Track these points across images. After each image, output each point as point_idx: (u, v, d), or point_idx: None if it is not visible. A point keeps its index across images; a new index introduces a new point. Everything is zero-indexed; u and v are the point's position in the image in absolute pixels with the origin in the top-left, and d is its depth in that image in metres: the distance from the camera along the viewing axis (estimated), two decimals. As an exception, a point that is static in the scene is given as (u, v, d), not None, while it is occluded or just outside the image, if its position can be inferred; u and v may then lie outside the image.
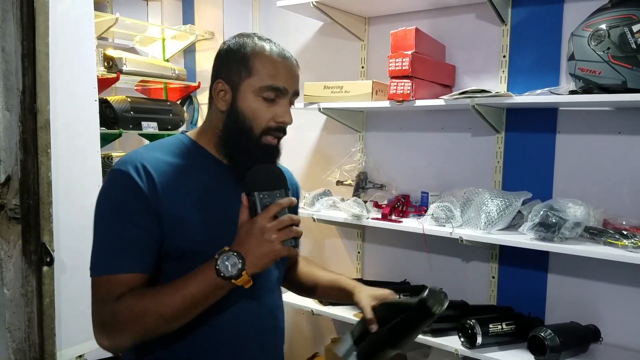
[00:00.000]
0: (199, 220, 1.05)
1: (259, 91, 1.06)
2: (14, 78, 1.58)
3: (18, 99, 1.60)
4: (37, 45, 1.60)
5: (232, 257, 0.95)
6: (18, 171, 1.61)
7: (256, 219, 0.98)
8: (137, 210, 1.00)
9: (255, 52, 1.06)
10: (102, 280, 0.99)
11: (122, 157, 1.08)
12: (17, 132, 1.60)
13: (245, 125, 1.07)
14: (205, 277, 0.96)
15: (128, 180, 1.01)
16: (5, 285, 1.61)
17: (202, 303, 0.97)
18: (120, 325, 0.97)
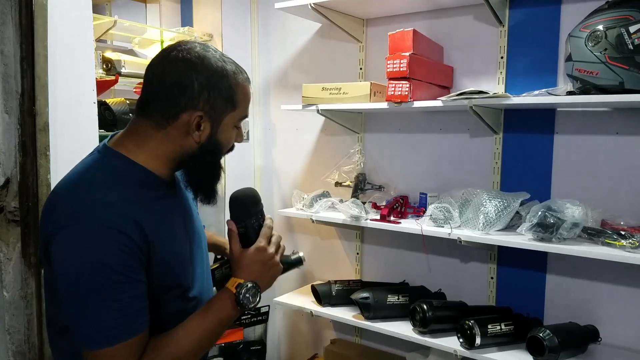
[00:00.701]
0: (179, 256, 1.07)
1: (237, 122, 1.08)
2: (13, 81, 1.59)
3: (17, 102, 1.60)
4: (36, 48, 1.61)
5: (251, 288, 1.03)
6: (17, 174, 1.62)
7: (260, 247, 1.07)
8: (135, 266, 0.95)
9: (237, 83, 1.04)
10: (119, 349, 0.93)
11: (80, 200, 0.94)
12: (16, 134, 1.61)
13: (217, 152, 1.07)
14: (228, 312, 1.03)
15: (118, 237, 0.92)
16: (5, 288, 1.61)
17: (221, 334, 1.06)
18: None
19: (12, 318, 1.62)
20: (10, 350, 1.62)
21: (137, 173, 1.02)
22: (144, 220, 0.96)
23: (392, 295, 2.05)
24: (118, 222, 0.92)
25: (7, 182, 1.59)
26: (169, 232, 1.03)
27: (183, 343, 0.98)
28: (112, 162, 1.02)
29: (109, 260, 0.91)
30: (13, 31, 1.58)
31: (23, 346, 1.64)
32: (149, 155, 1.03)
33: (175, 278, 1.04)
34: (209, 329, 1.01)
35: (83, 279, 0.90)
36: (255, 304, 1.03)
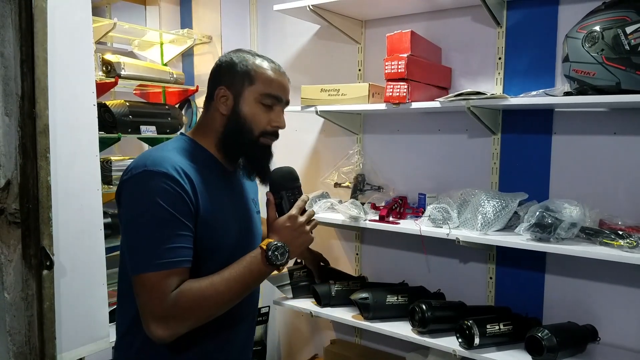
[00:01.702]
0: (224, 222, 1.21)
1: (260, 98, 1.23)
2: (13, 83, 1.60)
3: (17, 104, 1.61)
4: (36, 50, 1.61)
5: (280, 247, 1.16)
6: (17, 176, 1.62)
7: (292, 215, 1.21)
8: (184, 209, 1.11)
9: (257, 65, 1.25)
10: (160, 275, 1.07)
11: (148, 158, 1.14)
12: (16, 137, 1.61)
13: (245, 127, 1.22)
14: (258, 266, 1.15)
15: (174, 182, 1.10)
16: (6, 289, 1.61)
17: (252, 287, 1.18)
18: (184, 314, 1.08)
19: (12, 319, 1.62)
20: (11, 351, 1.62)
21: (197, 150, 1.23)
22: (197, 181, 1.15)
23: (391, 296, 2.05)
24: (175, 173, 1.11)
25: (8, 184, 1.60)
26: (215, 200, 1.18)
27: (216, 285, 1.10)
28: (180, 140, 1.25)
29: (163, 199, 1.08)
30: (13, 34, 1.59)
31: (24, 347, 1.65)
32: (203, 136, 1.25)
33: (217, 240, 1.18)
34: (240, 278, 1.13)
35: (139, 212, 1.09)
36: (283, 263, 1.15)
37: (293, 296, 2.29)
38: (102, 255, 1.93)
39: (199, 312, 1.10)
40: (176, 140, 1.25)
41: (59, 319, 1.74)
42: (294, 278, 2.29)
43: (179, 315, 1.08)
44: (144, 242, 1.09)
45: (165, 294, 1.06)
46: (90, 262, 1.88)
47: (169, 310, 1.07)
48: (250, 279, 1.15)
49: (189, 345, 1.19)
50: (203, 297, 1.09)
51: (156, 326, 1.07)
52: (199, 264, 1.14)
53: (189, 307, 1.08)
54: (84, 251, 1.86)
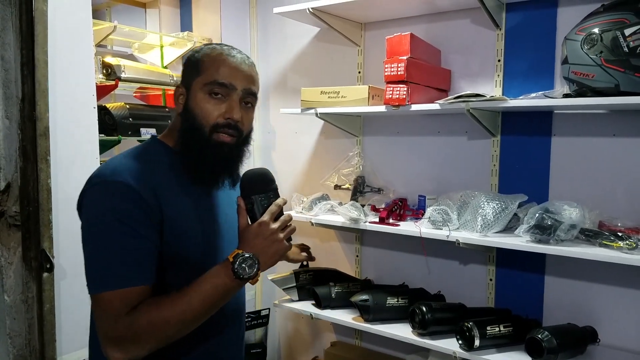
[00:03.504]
0: (197, 229, 1.12)
1: (206, 88, 1.10)
2: (14, 86, 1.60)
3: (17, 107, 1.61)
4: (36, 53, 1.62)
5: (248, 259, 1.03)
6: (18, 178, 1.63)
7: (263, 222, 1.07)
8: (142, 221, 1.02)
9: (205, 53, 1.13)
10: (114, 295, 0.99)
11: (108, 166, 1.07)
12: (16, 139, 1.62)
13: (195, 123, 1.10)
14: (223, 280, 1.02)
15: (129, 191, 1.02)
16: (6, 292, 1.62)
17: (218, 304, 1.05)
18: (140, 336, 0.98)
19: (13, 322, 1.62)
20: (12, 353, 1.62)
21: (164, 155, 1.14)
22: (160, 189, 1.06)
23: (391, 298, 2.05)
24: (134, 182, 1.02)
25: (8, 187, 1.60)
26: (180, 207, 1.09)
27: (176, 304, 1.00)
28: (148, 144, 1.17)
29: (119, 212, 1.01)
30: (13, 37, 1.60)
31: (24, 350, 1.65)
32: (171, 138, 1.16)
33: (181, 250, 1.08)
34: (203, 295, 1.02)
35: (95, 226, 1.03)
36: (251, 276, 1.03)
37: (299, 298, 2.29)
38: (102, 258, 1.93)
39: (158, 334, 0.99)
40: (145, 144, 1.17)
41: (59, 321, 1.74)
42: (300, 280, 2.28)
43: (136, 338, 0.98)
44: (99, 258, 1.02)
45: (120, 315, 0.98)
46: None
47: (124, 332, 0.98)
48: (215, 296, 1.02)
49: None
50: (161, 317, 0.99)
51: (111, 349, 0.99)
52: (166, 275, 1.07)
53: (146, 329, 0.98)
54: (84, 253, 1.86)
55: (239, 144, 1.14)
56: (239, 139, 1.13)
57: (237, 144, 1.14)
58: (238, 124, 1.11)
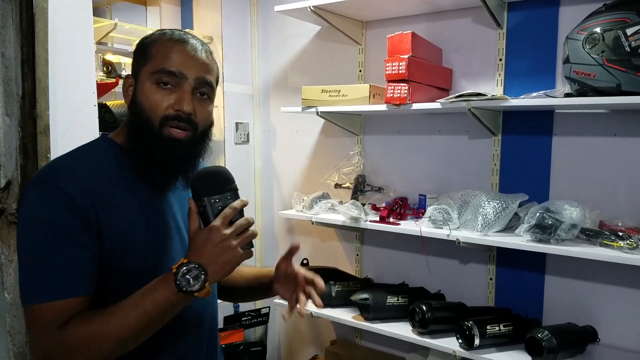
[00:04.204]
0: (141, 235, 1.01)
1: (154, 77, 0.99)
2: (14, 84, 1.60)
3: (18, 105, 1.61)
4: (37, 51, 1.62)
5: (193, 269, 0.90)
6: (18, 176, 1.62)
7: (213, 226, 0.93)
8: (75, 227, 0.92)
9: (154, 39, 1.03)
10: (43, 308, 0.90)
11: (49, 167, 1.00)
12: (17, 137, 1.61)
13: (143, 116, 1.00)
14: (164, 293, 0.91)
15: (61, 194, 0.92)
16: (6, 289, 1.62)
17: (161, 320, 0.93)
18: (72, 352, 0.89)
19: (13, 319, 1.62)
20: (12, 351, 1.62)
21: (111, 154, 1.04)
22: (100, 192, 0.96)
23: (391, 296, 2.05)
24: (69, 186, 0.93)
25: (8, 185, 1.60)
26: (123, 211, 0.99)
27: (112, 319, 0.90)
28: (96, 142, 1.07)
29: (51, 219, 0.91)
30: (14, 34, 1.59)
31: (24, 347, 1.65)
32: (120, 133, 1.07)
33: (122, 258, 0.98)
34: (141, 310, 0.90)
35: (27, 234, 0.93)
36: (196, 289, 0.89)
37: None
38: (102, 256, 1.93)
39: (92, 350, 0.89)
40: (92, 142, 1.07)
41: (59, 319, 1.74)
42: None
43: (67, 354, 0.89)
44: (30, 268, 0.92)
45: (49, 330, 0.89)
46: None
47: (55, 347, 0.89)
48: (155, 311, 0.90)
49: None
50: (96, 333, 0.89)
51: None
52: (108, 285, 0.97)
53: (79, 344, 0.89)
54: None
55: (195, 139, 1.02)
56: (194, 133, 1.02)
57: (192, 140, 1.02)
58: (191, 116, 1.00)
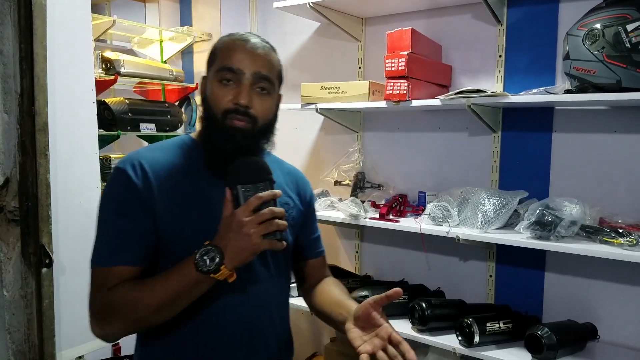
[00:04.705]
0: (193, 220, 1.07)
1: (218, 74, 1.08)
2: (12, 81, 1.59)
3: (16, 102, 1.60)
4: (35, 47, 1.61)
5: (210, 251, 0.97)
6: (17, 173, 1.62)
7: (235, 212, 0.98)
8: (132, 205, 1.04)
9: (220, 41, 1.13)
10: (98, 272, 1.04)
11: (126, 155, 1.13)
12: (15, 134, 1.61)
13: (210, 110, 1.09)
14: (186, 272, 0.98)
15: (124, 177, 1.05)
16: (5, 287, 1.61)
17: (185, 296, 1.00)
18: (110, 314, 1.01)
19: (12, 317, 1.62)
20: (11, 349, 1.62)
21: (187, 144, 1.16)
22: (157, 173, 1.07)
23: (391, 294, 2.05)
24: (127, 164, 1.07)
25: (7, 182, 1.60)
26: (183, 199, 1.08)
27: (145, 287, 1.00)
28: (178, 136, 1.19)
29: (114, 196, 1.06)
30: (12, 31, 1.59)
31: (23, 345, 1.64)
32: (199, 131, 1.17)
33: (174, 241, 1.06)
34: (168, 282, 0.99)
35: (100, 208, 1.08)
36: (211, 269, 0.96)
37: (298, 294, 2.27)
38: (101, 253, 1.92)
39: (126, 314, 1.00)
40: (174, 138, 1.19)
41: (58, 317, 1.74)
42: None
43: (108, 315, 1.01)
44: (96, 237, 1.07)
45: (99, 291, 1.02)
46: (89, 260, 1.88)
47: (99, 308, 1.02)
48: (178, 285, 0.98)
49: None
50: (130, 299, 1.00)
51: (91, 322, 1.03)
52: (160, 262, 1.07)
53: (115, 307, 1.00)
54: (83, 249, 1.84)
55: (254, 131, 1.08)
56: (253, 126, 1.07)
57: (252, 131, 1.07)
58: (248, 109, 1.06)
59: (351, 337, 1.05)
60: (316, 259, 1.33)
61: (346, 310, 1.11)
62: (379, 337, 1.02)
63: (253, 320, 1.12)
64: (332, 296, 1.21)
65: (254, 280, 1.12)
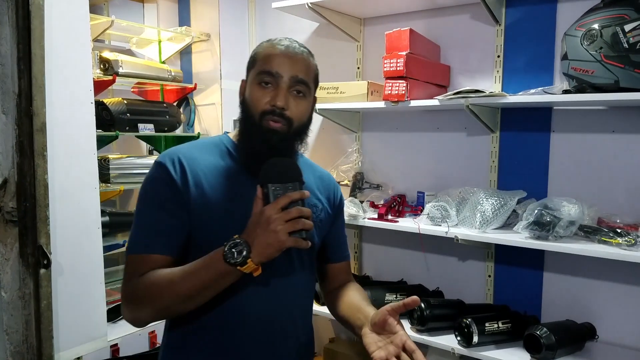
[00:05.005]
0: (225, 217, 1.12)
1: (257, 78, 1.13)
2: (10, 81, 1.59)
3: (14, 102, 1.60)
4: (33, 48, 1.61)
5: (239, 244, 1.00)
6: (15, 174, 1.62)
7: (264, 209, 1.02)
8: (170, 198, 1.10)
9: (260, 46, 1.19)
10: (132, 258, 1.09)
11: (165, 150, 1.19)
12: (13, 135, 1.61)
13: (248, 111, 1.14)
14: (215, 263, 1.02)
15: (164, 172, 1.11)
16: (3, 288, 1.61)
17: (212, 286, 1.04)
18: (139, 300, 1.06)
19: (10, 318, 1.62)
20: (9, 350, 1.62)
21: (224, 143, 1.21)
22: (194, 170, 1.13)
23: (389, 294, 2.05)
24: (166, 158, 1.13)
25: (5, 183, 1.59)
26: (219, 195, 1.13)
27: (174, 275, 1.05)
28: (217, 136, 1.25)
29: (151, 187, 1.12)
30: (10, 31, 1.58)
31: (21, 346, 1.64)
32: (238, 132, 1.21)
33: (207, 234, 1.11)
34: (196, 271, 1.04)
35: (138, 200, 1.14)
36: (238, 262, 0.99)
37: None
38: (99, 254, 1.92)
39: (155, 300, 1.05)
40: (212, 137, 1.26)
41: (56, 318, 1.74)
42: None
43: (137, 300, 1.07)
44: (133, 226, 1.13)
45: (132, 277, 1.08)
46: (87, 260, 1.88)
47: (130, 293, 1.08)
48: (205, 274, 1.02)
49: None
50: (158, 284, 1.05)
51: (123, 307, 1.10)
52: (194, 255, 1.09)
53: (144, 293, 1.06)
54: (82, 250, 1.86)
55: (289, 133, 1.13)
56: (289, 128, 1.12)
57: (287, 133, 1.12)
58: (285, 111, 1.11)
59: (367, 342, 1.07)
60: (340, 263, 1.35)
61: (364, 315, 1.15)
62: (394, 344, 1.04)
63: (274, 316, 1.15)
64: (352, 301, 1.25)
65: (278, 276, 1.15)
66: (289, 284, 1.17)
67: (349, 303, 1.24)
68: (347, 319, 1.21)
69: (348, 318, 1.21)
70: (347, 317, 1.22)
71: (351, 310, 1.21)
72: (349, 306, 1.23)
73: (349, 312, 1.22)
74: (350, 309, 1.22)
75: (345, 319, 1.23)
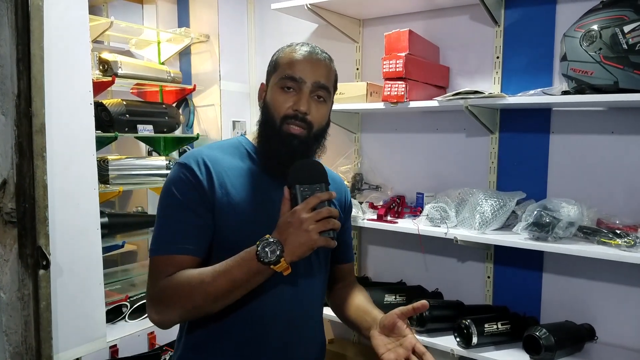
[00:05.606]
0: (250, 217, 1.14)
1: (280, 82, 1.15)
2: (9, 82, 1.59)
3: (13, 103, 1.60)
4: (32, 49, 1.61)
5: (272, 244, 1.02)
6: (14, 175, 1.61)
7: (295, 209, 1.04)
8: (194, 199, 1.10)
9: (282, 51, 1.21)
10: (158, 260, 1.09)
11: (190, 151, 1.21)
12: (12, 136, 1.60)
13: (269, 115, 1.16)
14: (247, 262, 1.03)
15: (189, 172, 1.12)
16: (2, 289, 1.61)
17: (244, 285, 1.05)
18: (168, 300, 1.06)
19: (9, 319, 1.62)
20: (8, 351, 1.62)
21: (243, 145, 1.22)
22: (219, 171, 1.14)
23: (389, 295, 2.05)
24: (191, 160, 1.13)
25: (4, 184, 1.59)
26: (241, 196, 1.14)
27: (204, 275, 1.05)
28: (236, 137, 1.26)
29: (176, 188, 1.11)
30: (9, 32, 1.58)
31: (20, 347, 1.64)
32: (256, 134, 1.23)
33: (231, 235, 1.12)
34: (228, 270, 1.04)
35: (161, 201, 1.14)
36: (272, 261, 1.01)
37: None
38: (99, 255, 1.92)
39: (184, 300, 1.05)
40: (231, 139, 1.27)
41: (55, 318, 1.74)
42: None
43: (165, 301, 1.07)
44: (156, 227, 1.12)
45: (159, 278, 1.08)
46: (87, 261, 1.87)
47: (158, 294, 1.08)
48: (238, 273, 1.03)
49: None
50: (188, 284, 1.05)
51: (148, 308, 1.10)
52: (217, 255, 1.11)
53: (173, 293, 1.06)
54: (81, 251, 1.86)
55: (309, 137, 1.15)
56: (309, 132, 1.15)
57: (307, 137, 1.15)
58: (306, 116, 1.13)
59: (375, 344, 1.10)
60: (347, 264, 1.38)
61: (372, 317, 1.17)
62: (403, 347, 1.07)
63: (293, 316, 1.18)
64: (358, 303, 1.27)
65: (300, 276, 1.18)
66: (309, 285, 1.20)
67: (355, 305, 1.26)
68: (354, 320, 1.24)
69: (354, 319, 1.23)
70: (353, 319, 1.24)
71: (358, 312, 1.23)
72: (356, 308, 1.25)
73: (355, 313, 1.24)
74: (357, 311, 1.24)
75: (352, 320, 1.25)
